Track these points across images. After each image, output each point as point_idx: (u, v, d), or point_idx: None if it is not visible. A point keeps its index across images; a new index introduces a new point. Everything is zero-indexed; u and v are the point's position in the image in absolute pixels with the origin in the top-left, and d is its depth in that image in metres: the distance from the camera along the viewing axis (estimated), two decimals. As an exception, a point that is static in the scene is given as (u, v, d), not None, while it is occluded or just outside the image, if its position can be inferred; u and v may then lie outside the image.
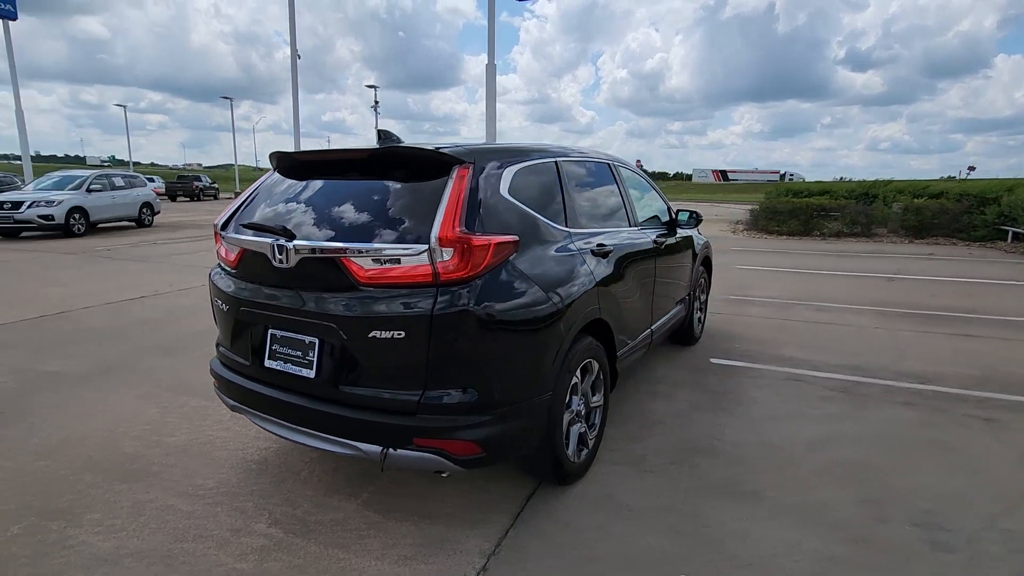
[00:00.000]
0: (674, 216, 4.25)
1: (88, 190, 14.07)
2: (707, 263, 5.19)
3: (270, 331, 2.36)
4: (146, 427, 3.33)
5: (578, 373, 2.62)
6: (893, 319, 6.02)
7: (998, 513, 2.50)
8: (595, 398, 2.87)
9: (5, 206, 12.76)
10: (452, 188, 2.13)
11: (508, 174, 2.39)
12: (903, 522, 2.45)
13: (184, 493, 2.64)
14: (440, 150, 2.23)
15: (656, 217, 4.24)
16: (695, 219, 4.30)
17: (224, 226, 2.59)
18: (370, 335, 2.05)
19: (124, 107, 50.43)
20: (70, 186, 13.89)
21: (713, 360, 4.62)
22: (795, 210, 14.99)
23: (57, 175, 14.83)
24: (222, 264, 2.64)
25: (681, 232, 4.40)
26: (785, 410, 3.64)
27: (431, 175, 2.20)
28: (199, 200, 34.81)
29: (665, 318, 3.98)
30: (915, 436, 3.28)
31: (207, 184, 36.48)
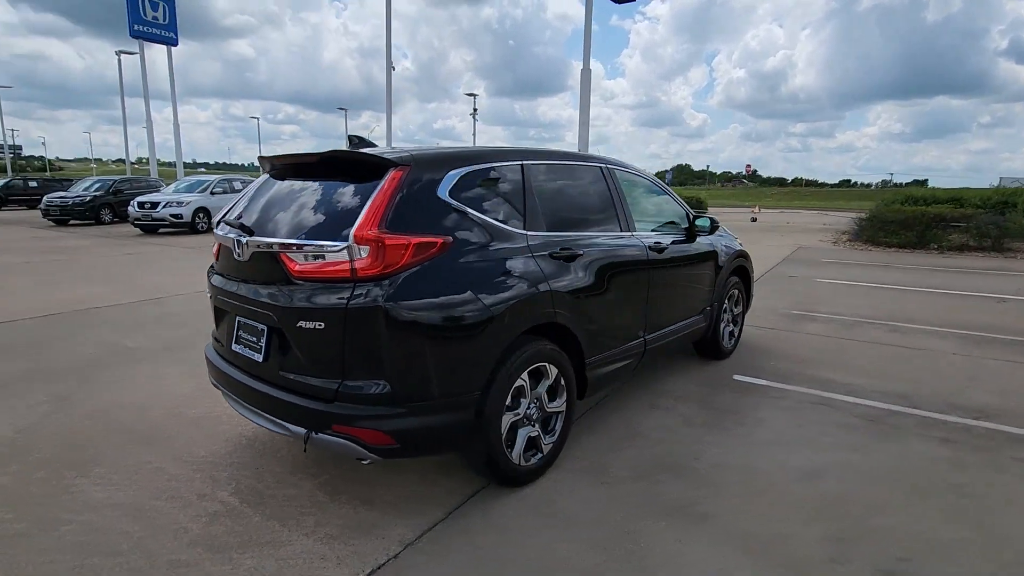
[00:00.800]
0: (692, 223, 4.06)
1: (212, 192, 15.95)
2: (741, 273, 4.87)
3: (237, 318, 2.62)
4: (177, 400, 3.78)
5: (526, 376, 2.62)
6: (980, 345, 5.26)
7: (985, 574, 2.16)
8: (555, 403, 2.85)
9: (146, 206, 14.84)
10: (380, 190, 2.25)
11: (451, 177, 2.46)
12: (865, 567, 2.19)
13: (178, 459, 2.99)
14: (378, 155, 2.36)
15: (672, 223, 4.08)
16: (712, 225, 4.08)
17: (218, 223, 2.90)
18: (298, 324, 2.23)
19: (257, 119, 56.23)
20: (198, 189, 15.85)
21: (737, 377, 4.34)
22: (907, 220, 13.42)
23: (190, 179, 16.97)
24: (214, 257, 2.96)
25: (703, 240, 4.19)
26: (791, 435, 3.35)
27: (368, 178, 2.33)
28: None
29: (670, 329, 3.81)
30: (932, 476, 2.89)
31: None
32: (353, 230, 2.14)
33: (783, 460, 3.04)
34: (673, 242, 3.84)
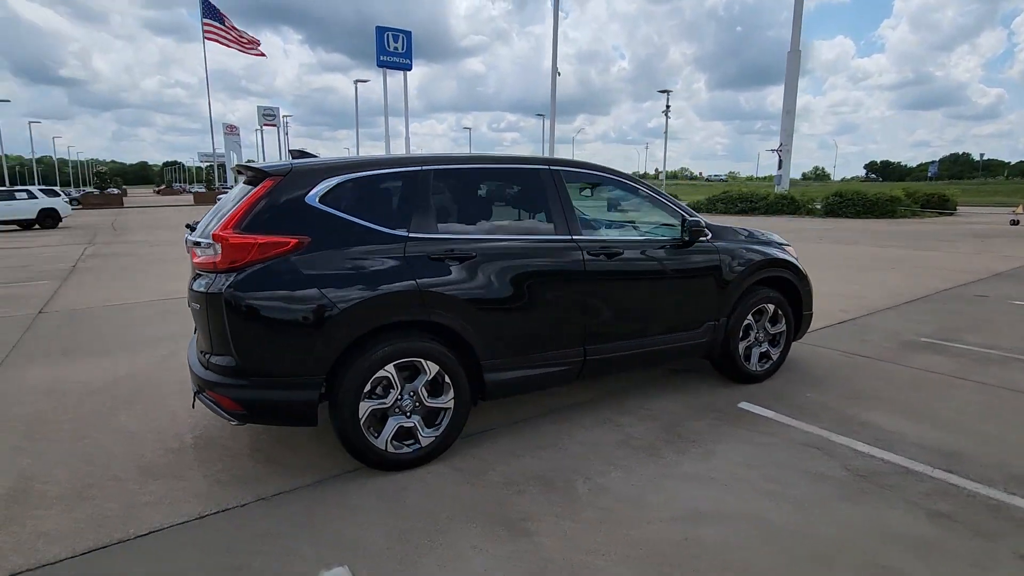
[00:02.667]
0: (687, 229, 3.65)
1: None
2: (779, 285, 4.16)
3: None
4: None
5: (391, 368, 2.80)
6: None
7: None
8: (439, 400, 2.96)
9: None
10: (247, 196, 2.67)
11: (324, 185, 2.77)
12: (638, 622, 1.92)
13: (161, 430, 3.74)
14: (261, 167, 2.79)
15: (662, 227, 3.77)
16: (692, 231, 3.62)
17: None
18: (192, 305, 2.77)
19: (469, 129, 61.98)
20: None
21: (743, 404, 3.78)
22: None
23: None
24: None
25: (703, 247, 3.76)
26: (728, 475, 2.89)
27: (254, 185, 2.77)
28: (511, 204, 40.81)
29: (635, 342, 3.54)
30: (867, 554, 2.27)
31: (519, 191, 42.28)
32: (214, 230, 2.61)
33: (683, 498, 2.68)
34: (643, 248, 3.55)
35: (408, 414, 2.91)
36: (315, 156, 3.28)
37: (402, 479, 2.87)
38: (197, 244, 2.77)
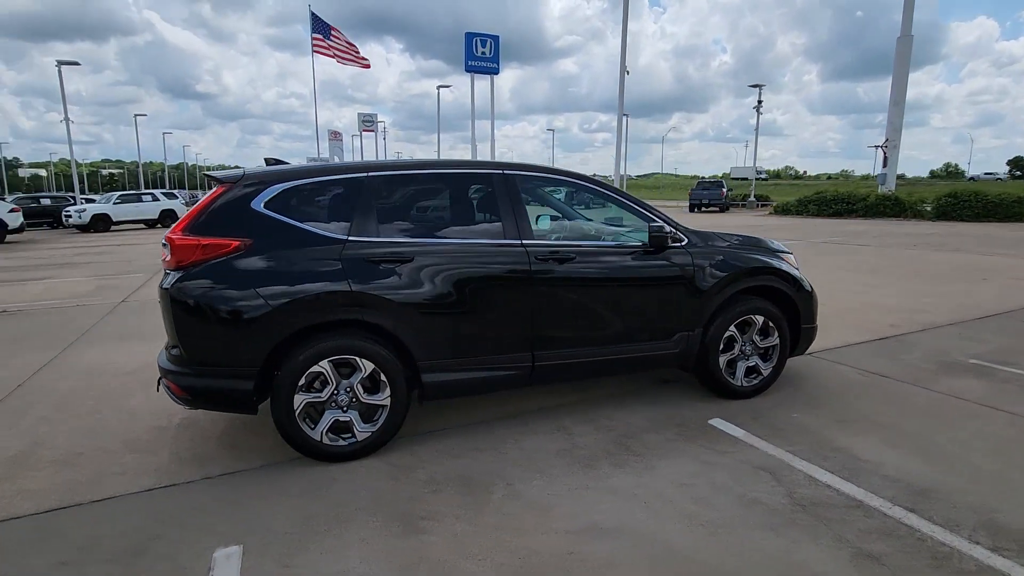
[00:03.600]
0: (657, 235, 3.52)
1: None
2: (771, 295, 3.88)
3: None
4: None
5: (326, 364, 2.96)
6: None
7: None
8: (376, 396, 3.08)
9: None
10: (200, 201, 2.94)
11: (270, 191, 2.99)
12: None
13: (157, 411, 4.14)
14: (216, 174, 3.05)
15: (632, 233, 3.67)
16: (660, 236, 3.47)
17: None
18: (159, 299, 3.10)
19: (553, 131, 62.11)
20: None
21: (714, 421, 3.58)
22: None
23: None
24: None
25: (675, 253, 3.61)
26: (655, 491, 2.77)
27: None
28: (588, 208, 40.37)
29: (591, 349, 3.47)
30: (752, 585, 2.11)
31: (600, 192, 41.79)
32: (167, 233, 2.90)
33: (592, 511, 2.61)
34: (600, 253, 3.47)
35: (344, 409, 3.06)
36: (286, 164, 3.53)
37: (336, 470, 3.02)
38: (163, 245, 3.10)
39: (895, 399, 3.91)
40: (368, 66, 57.78)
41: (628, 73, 17.37)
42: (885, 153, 25.45)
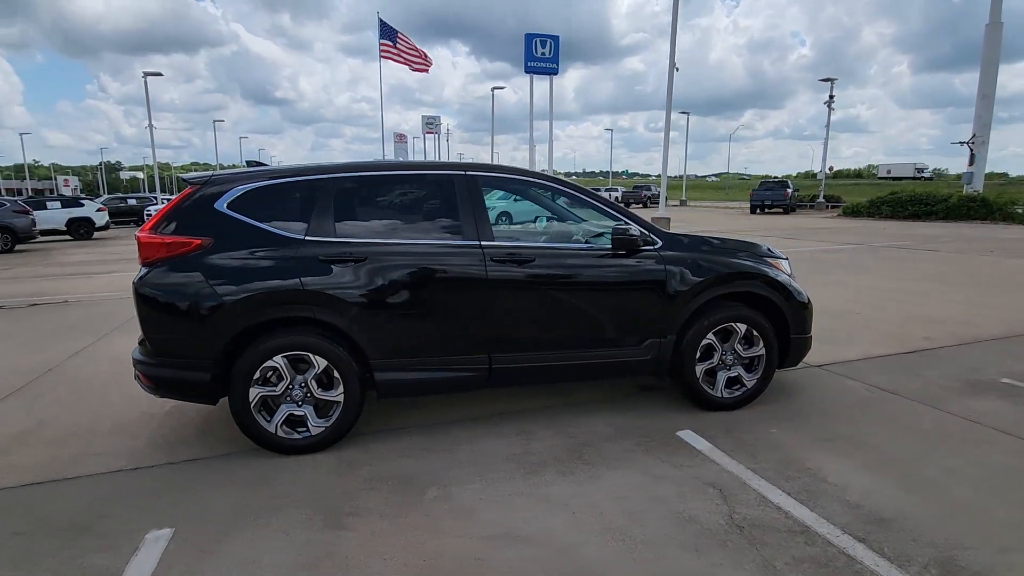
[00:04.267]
0: (620, 238, 3.41)
1: (515, 199, 18.90)
2: (757, 303, 3.66)
3: None
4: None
5: (280, 359, 3.07)
6: None
7: None
8: (330, 393, 3.16)
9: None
10: (168, 202, 3.12)
11: (233, 192, 3.13)
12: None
13: (153, 399, 4.46)
14: (187, 176, 3.23)
15: (597, 236, 3.58)
16: (626, 240, 3.35)
17: None
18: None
19: (611, 131, 60.93)
20: (499, 195, 19.03)
21: (681, 433, 3.42)
22: None
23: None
24: None
25: (647, 256, 3.48)
26: (596, 506, 2.68)
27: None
28: (646, 207, 39.43)
29: (552, 353, 3.41)
30: (649, 608, 2.01)
31: (656, 192, 40.76)
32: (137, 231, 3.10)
33: (516, 519, 2.56)
34: (562, 256, 3.40)
35: (299, 403, 3.16)
36: (265, 165, 3.68)
37: (287, 462, 3.12)
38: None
39: (894, 419, 3.59)
40: (426, 69, 59.05)
41: (678, 70, 16.82)
42: (972, 150, 23.37)
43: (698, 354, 3.61)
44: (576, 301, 3.44)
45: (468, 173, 3.42)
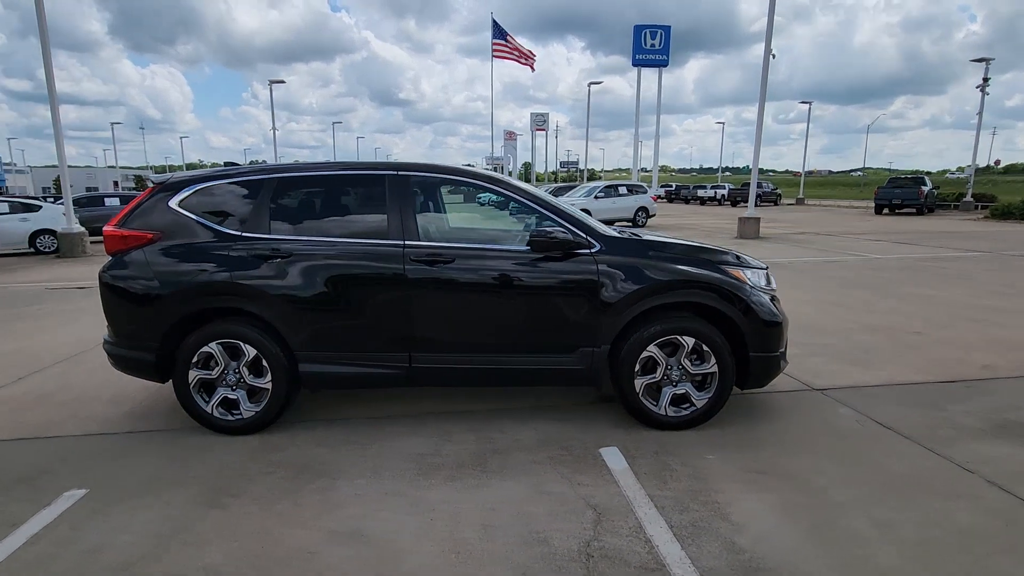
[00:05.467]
0: (538, 240, 3.27)
1: (595, 197, 18.56)
2: (710, 314, 3.33)
3: None
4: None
5: (215, 346, 3.32)
6: None
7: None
8: (259, 380, 3.37)
9: (545, 207, 18.73)
10: (133, 200, 3.49)
11: (185, 191, 3.43)
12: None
13: None
14: (151, 177, 3.58)
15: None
16: (547, 241, 3.19)
17: None
18: None
19: (723, 124, 57.30)
20: (583, 193, 18.74)
21: (603, 449, 3.21)
22: None
23: (588, 186, 20.12)
24: None
25: (578, 262, 3.31)
26: (459, 514, 2.62)
27: (148, 192, 3.60)
28: (756, 206, 36.51)
29: (472, 357, 3.36)
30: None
31: (769, 190, 37.70)
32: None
33: (374, 517, 2.58)
34: (485, 257, 3.33)
35: (233, 388, 3.40)
36: (236, 165, 3.98)
37: (218, 441, 3.37)
38: None
39: (864, 457, 3.10)
40: (528, 63, 59.34)
41: (774, 57, 15.38)
42: None
43: (638, 367, 3.36)
44: (499, 304, 3.36)
45: (399, 173, 3.46)
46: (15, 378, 4.60)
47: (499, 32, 57.64)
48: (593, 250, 3.34)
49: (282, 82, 33.20)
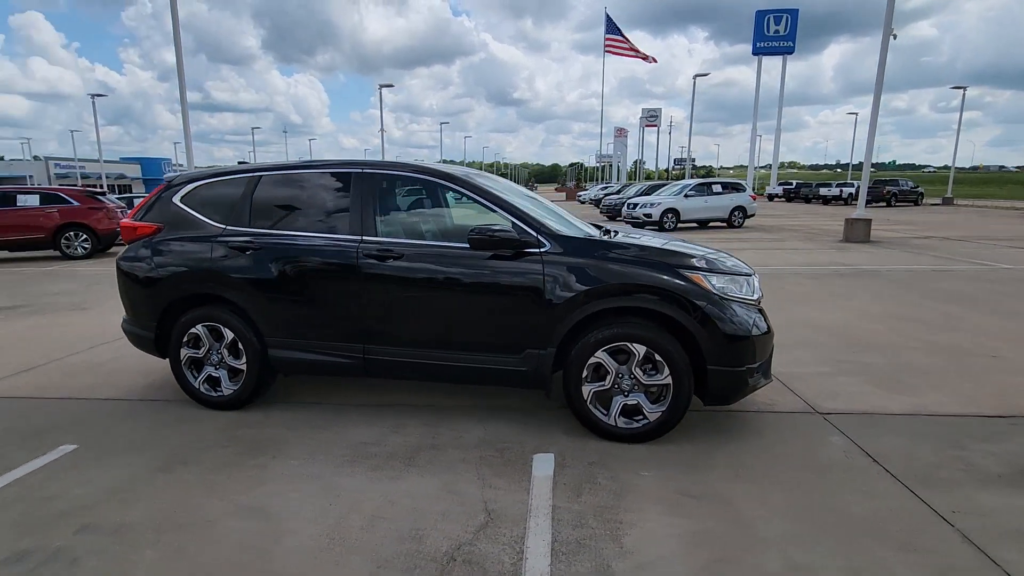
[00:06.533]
0: (476, 238, 3.24)
1: (685, 196, 17.66)
2: (661, 321, 3.09)
3: None
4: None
5: (200, 328, 3.69)
6: None
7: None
8: (237, 361, 3.68)
9: (630, 206, 18.15)
10: (148, 195, 3.96)
11: (184, 189, 3.83)
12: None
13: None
14: (168, 176, 4.03)
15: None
16: (479, 238, 3.16)
17: None
18: None
19: (855, 114, 51.27)
20: (670, 192, 17.90)
21: (538, 455, 3.12)
22: None
23: (680, 183, 19.19)
24: None
25: (526, 261, 3.25)
26: (356, 504, 2.70)
27: (164, 188, 4.05)
28: (890, 206, 32.59)
29: (421, 352, 3.41)
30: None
31: (908, 188, 33.48)
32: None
33: (287, 497, 2.73)
34: (431, 254, 3.37)
35: (216, 367, 3.75)
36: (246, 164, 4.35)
37: (203, 414, 3.72)
38: None
39: (825, 493, 2.72)
40: (641, 56, 57.45)
41: (895, 37, 13.55)
42: None
43: (585, 373, 3.22)
44: (446, 301, 3.37)
45: (364, 170, 3.59)
46: (88, 347, 5.40)
47: (612, 27, 56.68)
48: (542, 249, 3.24)
49: (390, 86, 35.48)
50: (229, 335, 3.65)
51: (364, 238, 3.46)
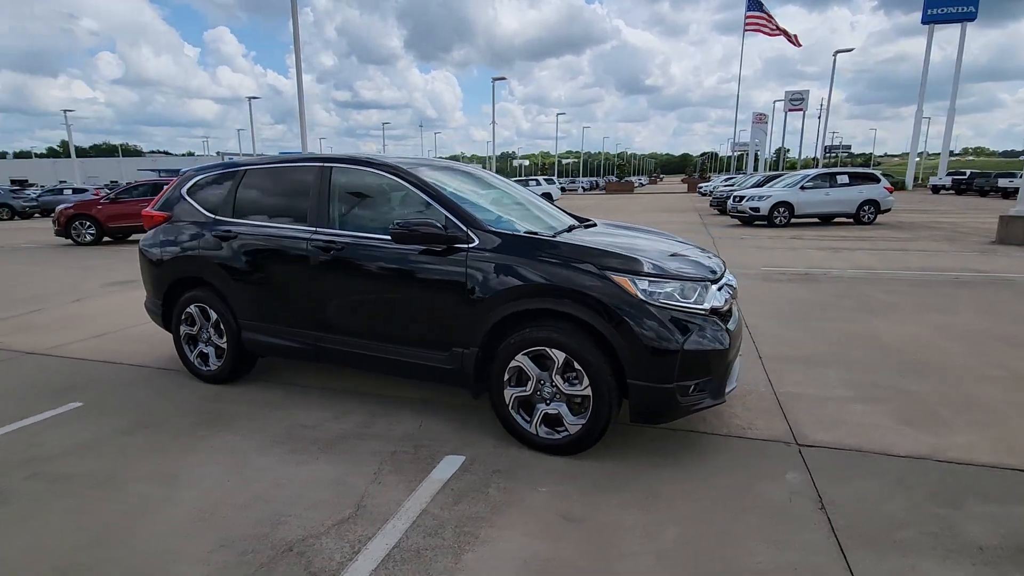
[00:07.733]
0: (396, 232, 3.17)
1: (802, 188, 15.89)
2: (582, 328, 2.83)
3: None
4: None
5: (193, 308, 4.09)
6: None
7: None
8: (221, 340, 4.03)
9: (736, 199, 16.74)
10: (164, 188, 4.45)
11: (190, 182, 4.24)
12: (14, 487, 2.78)
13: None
14: (184, 170, 4.48)
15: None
16: (403, 232, 3.09)
17: None
18: None
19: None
20: (785, 183, 16.18)
21: (448, 457, 3.04)
22: None
23: (799, 174, 17.29)
24: None
25: (453, 257, 3.17)
26: (253, 488, 2.84)
27: (182, 181, 4.51)
28: (1006, 198, 26.53)
29: (364, 343, 3.47)
30: None
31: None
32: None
33: (207, 472, 2.95)
34: (366, 247, 3.40)
35: (206, 344, 4.13)
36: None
37: (195, 386, 4.12)
38: None
39: (729, 537, 2.34)
40: (784, 35, 52.43)
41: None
42: None
43: (507, 376, 3.07)
44: (380, 294, 3.39)
45: (327, 165, 3.71)
46: (147, 320, 6.22)
47: (754, 4, 52.39)
48: (470, 245, 3.13)
49: (503, 79, 36.06)
50: (212, 315, 4.01)
51: (317, 230, 3.59)
